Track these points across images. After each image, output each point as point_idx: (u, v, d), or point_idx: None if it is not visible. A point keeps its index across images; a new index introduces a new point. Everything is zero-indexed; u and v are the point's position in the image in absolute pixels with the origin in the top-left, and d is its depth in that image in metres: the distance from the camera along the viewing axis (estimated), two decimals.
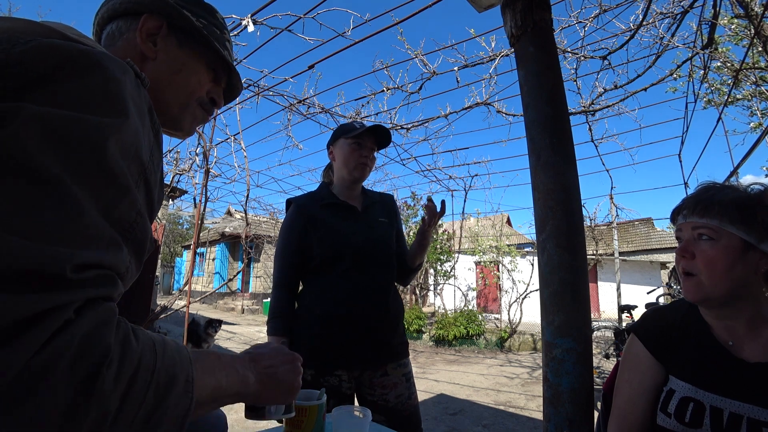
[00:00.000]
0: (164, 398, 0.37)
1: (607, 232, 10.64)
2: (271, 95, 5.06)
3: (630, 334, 0.94)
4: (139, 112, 0.44)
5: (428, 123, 5.98)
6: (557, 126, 1.08)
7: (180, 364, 0.41)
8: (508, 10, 1.18)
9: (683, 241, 0.84)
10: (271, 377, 0.58)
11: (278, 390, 0.59)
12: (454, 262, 9.26)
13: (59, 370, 0.30)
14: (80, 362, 0.31)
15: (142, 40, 0.60)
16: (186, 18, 0.63)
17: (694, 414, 0.77)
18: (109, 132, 0.38)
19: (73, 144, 0.35)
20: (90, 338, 0.32)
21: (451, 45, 4.50)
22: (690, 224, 0.83)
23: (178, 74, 0.63)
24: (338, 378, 1.28)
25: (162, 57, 0.61)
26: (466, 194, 8.66)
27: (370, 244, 1.36)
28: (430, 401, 4.22)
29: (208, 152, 5.04)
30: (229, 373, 0.51)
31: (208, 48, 0.66)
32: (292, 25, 3.50)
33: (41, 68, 0.37)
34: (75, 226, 0.34)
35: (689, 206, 0.84)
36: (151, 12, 0.61)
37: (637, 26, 3.61)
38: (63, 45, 0.39)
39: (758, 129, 5.51)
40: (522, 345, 7.56)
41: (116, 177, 0.38)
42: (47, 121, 0.34)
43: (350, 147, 1.41)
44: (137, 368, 0.35)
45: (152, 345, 0.39)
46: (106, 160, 0.37)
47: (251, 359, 0.57)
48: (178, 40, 0.63)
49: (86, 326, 0.32)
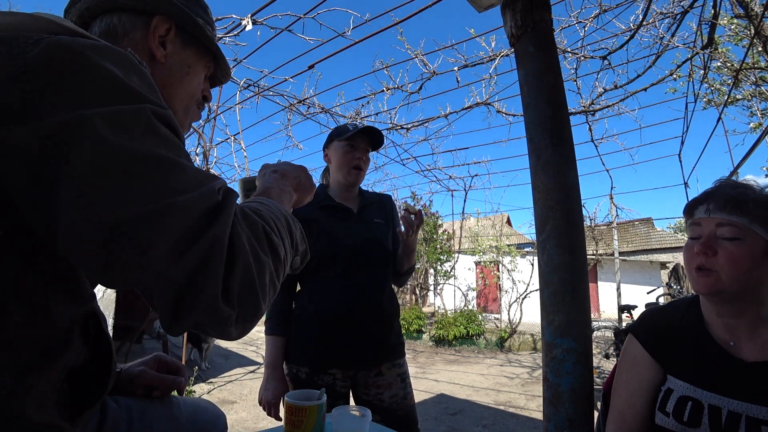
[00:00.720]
0: (292, 232, 0.57)
1: (607, 232, 10.63)
2: (271, 95, 5.06)
3: (628, 334, 0.94)
4: (157, 95, 0.46)
5: (428, 123, 5.98)
6: (557, 126, 1.08)
7: (280, 211, 0.58)
8: (508, 10, 1.18)
9: (703, 236, 0.81)
10: (300, 185, 0.75)
11: (306, 192, 0.77)
12: (454, 262, 9.25)
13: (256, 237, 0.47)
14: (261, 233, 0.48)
15: (155, 44, 0.59)
16: (194, 21, 0.62)
17: (693, 413, 0.77)
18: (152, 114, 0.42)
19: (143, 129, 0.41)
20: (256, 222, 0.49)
21: (451, 45, 4.51)
22: (714, 220, 0.79)
23: (186, 77, 0.63)
24: (332, 377, 1.29)
25: (170, 60, 0.61)
26: (466, 194, 8.67)
27: (365, 245, 1.37)
28: (430, 401, 4.22)
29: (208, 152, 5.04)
30: (287, 198, 0.70)
31: (206, 48, 0.66)
32: (292, 25, 3.50)
33: (61, 70, 0.37)
34: (195, 176, 0.44)
35: (716, 201, 0.80)
36: (161, 13, 0.59)
37: (637, 26, 3.61)
38: (73, 42, 0.39)
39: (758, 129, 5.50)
40: (522, 345, 7.56)
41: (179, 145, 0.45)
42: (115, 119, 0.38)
43: (343, 149, 1.41)
44: (278, 225, 0.53)
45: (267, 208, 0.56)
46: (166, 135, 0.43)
47: (282, 176, 0.73)
48: (183, 41, 0.62)
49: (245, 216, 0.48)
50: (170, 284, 0.39)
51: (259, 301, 0.45)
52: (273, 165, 0.77)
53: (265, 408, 1.29)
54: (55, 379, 0.45)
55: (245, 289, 0.43)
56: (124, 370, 0.73)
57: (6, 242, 0.40)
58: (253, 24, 3.43)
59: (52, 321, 0.45)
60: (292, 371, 1.32)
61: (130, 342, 4.49)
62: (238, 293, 0.42)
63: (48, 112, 0.36)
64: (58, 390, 0.46)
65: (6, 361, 0.40)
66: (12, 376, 0.40)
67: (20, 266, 0.41)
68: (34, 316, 0.43)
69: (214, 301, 0.40)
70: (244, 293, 0.43)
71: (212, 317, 0.41)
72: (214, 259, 0.40)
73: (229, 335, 0.45)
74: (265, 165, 0.78)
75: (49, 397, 0.44)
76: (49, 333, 0.45)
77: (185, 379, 0.79)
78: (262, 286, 0.45)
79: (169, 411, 0.72)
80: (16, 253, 0.41)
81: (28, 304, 0.42)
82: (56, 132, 0.36)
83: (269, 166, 0.77)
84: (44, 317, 0.44)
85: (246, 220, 0.47)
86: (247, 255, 0.44)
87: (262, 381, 1.31)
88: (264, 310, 0.47)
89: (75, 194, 0.35)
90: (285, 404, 0.80)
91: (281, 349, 1.33)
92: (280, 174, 0.73)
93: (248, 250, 0.44)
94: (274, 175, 0.73)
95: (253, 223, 0.48)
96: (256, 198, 0.62)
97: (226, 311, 0.41)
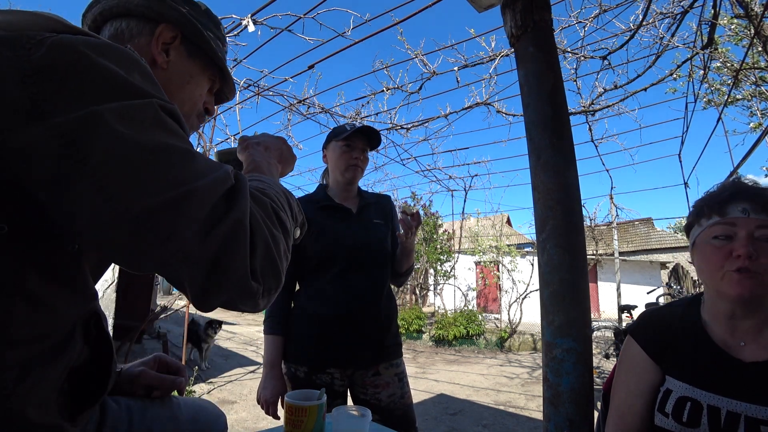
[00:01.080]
0: (291, 205, 0.59)
1: (607, 232, 10.64)
2: (271, 95, 5.06)
3: (627, 335, 0.94)
4: (159, 90, 0.47)
5: (428, 123, 5.98)
6: (557, 126, 1.08)
7: (278, 186, 0.61)
8: (508, 10, 1.18)
9: (740, 237, 0.78)
10: (282, 156, 0.77)
11: (288, 163, 0.78)
12: (454, 262, 9.25)
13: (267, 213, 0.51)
14: (271, 210, 0.51)
15: (157, 50, 0.60)
16: (201, 33, 0.63)
17: (692, 413, 0.77)
18: (159, 107, 0.43)
19: (151, 122, 0.42)
20: (264, 201, 0.52)
21: (451, 45, 4.50)
22: (755, 221, 0.77)
23: (186, 85, 0.64)
24: (330, 376, 1.30)
25: (172, 68, 0.62)
26: (466, 194, 8.67)
27: (363, 246, 1.38)
28: (430, 401, 4.21)
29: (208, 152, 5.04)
30: (275, 171, 0.71)
31: (212, 61, 0.67)
32: (292, 25, 3.50)
33: (66, 69, 0.38)
34: (206, 163, 0.45)
35: (756, 202, 0.78)
36: (168, 22, 0.61)
37: (637, 26, 3.61)
38: (75, 41, 0.40)
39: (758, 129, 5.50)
40: (522, 345, 7.56)
41: (185, 137, 0.46)
42: (125, 113, 0.40)
43: (341, 150, 1.43)
44: (281, 200, 0.56)
45: (267, 185, 0.58)
46: (173, 127, 0.45)
47: (266, 148, 0.74)
48: (188, 51, 0.64)
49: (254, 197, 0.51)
50: (198, 265, 0.41)
51: (280, 274, 0.49)
52: (253, 137, 0.77)
53: (263, 407, 1.30)
54: (56, 378, 0.45)
55: (267, 265, 0.47)
56: (124, 370, 0.73)
57: (12, 239, 0.40)
58: (253, 24, 3.43)
59: (55, 319, 0.45)
60: (291, 370, 1.32)
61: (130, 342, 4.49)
62: (262, 269, 0.46)
63: (61, 110, 0.37)
64: (58, 389, 0.46)
65: (8, 359, 0.40)
66: (14, 374, 0.40)
67: (26, 263, 0.42)
68: (38, 314, 0.43)
69: (244, 280, 0.44)
70: (266, 268, 0.47)
71: (243, 294, 0.45)
72: (238, 240, 0.43)
73: (257, 307, 0.48)
74: (243, 138, 0.77)
75: (49, 396, 0.45)
76: (52, 331, 0.45)
77: (185, 379, 0.79)
78: (280, 260, 0.49)
79: (169, 411, 0.72)
80: (22, 250, 0.41)
81: (33, 301, 0.42)
82: (72, 129, 0.37)
83: (248, 138, 0.77)
84: (48, 315, 0.44)
85: (255, 201, 0.50)
86: (264, 233, 0.47)
87: (261, 380, 1.32)
88: (283, 281, 0.51)
89: (95, 188, 0.37)
90: (285, 404, 0.81)
91: (280, 348, 1.33)
92: (264, 147, 0.75)
93: (264, 228, 0.48)
94: (257, 147, 0.74)
95: (262, 202, 0.51)
96: (253, 176, 0.63)
97: (255, 287, 0.45)
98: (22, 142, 0.36)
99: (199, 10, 0.67)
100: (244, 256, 0.44)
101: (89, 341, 0.51)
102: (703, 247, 0.84)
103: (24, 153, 0.37)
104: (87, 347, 0.51)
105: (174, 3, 0.62)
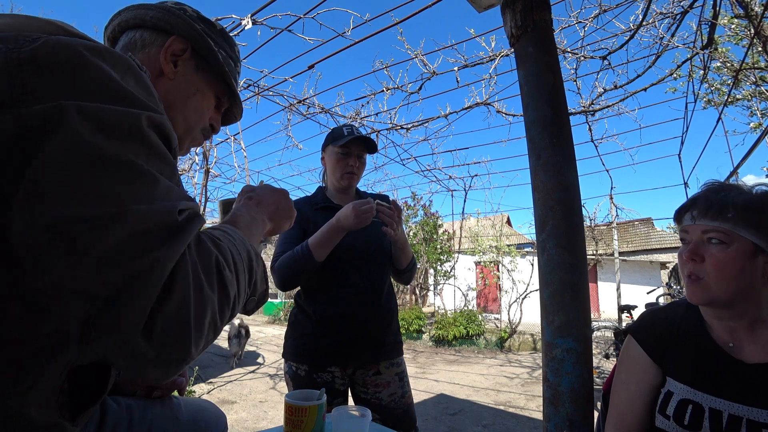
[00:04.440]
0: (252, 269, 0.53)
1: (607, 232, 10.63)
2: (271, 95, 5.06)
3: (627, 335, 0.94)
4: (155, 100, 0.46)
5: (428, 123, 5.98)
6: (557, 126, 1.08)
7: (244, 244, 0.54)
8: (508, 10, 1.18)
9: (691, 243, 0.81)
10: (277, 212, 0.72)
11: (284, 220, 0.74)
12: (454, 262, 9.25)
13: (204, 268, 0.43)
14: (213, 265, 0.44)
15: (165, 59, 0.61)
16: (211, 49, 0.64)
17: (694, 416, 0.77)
18: (144, 119, 0.41)
19: (124, 132, 0.39)
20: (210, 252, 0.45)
21: (451, 45, 4.50)
22: (700, 227, 0.80)
23: (192, 98, 0.65)
24: (331, 374, 1.31)
25: (179, 79, 0.63)
26: (466, 194, 8.67)
27: (362, 245, 1.39)
28: (430, 401, 4.21)
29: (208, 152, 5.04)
30: (257, 228, 0.66)
31: (221, 78, 0.67)
32: (292, 25, 3.50)
33: (55, 65, 0.38)
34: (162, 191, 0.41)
35: (699, 208, 0.80)
36: (180, 34, 0.62)
37: (637, 26, 3.61)
38: (67, 41, 0.40)
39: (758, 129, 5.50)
40: (522, 345, 7.56)
41: (165, 156, 0.44)
42: (95, 116, 0.37)
43: (336, 156, 1.43)
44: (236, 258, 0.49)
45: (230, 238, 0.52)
46: (152, 143, 0.42)
47: (257, 203, 0.70)
48: (197, 64, 0.65)
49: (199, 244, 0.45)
50: (87, 296, 0.35)
51: (188, 344, 0.39)
52: (251, 188, 0.74)
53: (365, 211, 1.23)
54: (56, 377, 0.45)
55: (174, 328, 0.38)
56: None
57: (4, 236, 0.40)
58: (253, 24, 3.43)
59: (51, 319, 0.45)
60: (292, 369, 1.33)
61: None
62: (163, 330, 0.37)
63: (31, 101, 0.36)
64: (58, 389, 0.46)
65: (7, 359, 0.40)
66: (13, 374, 0.40)
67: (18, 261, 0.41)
68: (32, 314, 0.42)
69: (130, 333, 0.36)
70: (171, 332, 0.38)
71: (123, 350, 0.36)
72: (146, 283, 0.36)
73: (144, 376, 0.39)
74: (245, 188, 0.75)
75: (49, 396, 0.44)
76: (48, 331, 0.45)
77: (185, 379, 0.79)
78: (198, 326, 0.40)
79: (169, 411, 0.72)
80: None
81: (27, 300, 0.42)
82: (34, 119, 0.35)
83: (248, 189, 0.74)
84: (43, 315, 0.44)
85: (198, 248, 0.44)
86: (188, 289, 0.39)
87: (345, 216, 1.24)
88: (194, 355, 0.41)
89: (30, 183, 0.34)
90: (285, 404, 0.81)
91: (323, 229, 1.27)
92: (255, 201, 0.70)
93: (191, 283, 0.40)
94: (248, 202, 0.70)
95: (206, 252, 0.44)
96: (221, 225, 0.57)
97: (142, 347, 0.36)
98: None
99: (214, 29, 0.68)
100: (144, 304, 0.36)
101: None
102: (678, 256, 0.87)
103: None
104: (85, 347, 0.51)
105: (189, 18, 0.63)
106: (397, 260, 1.47)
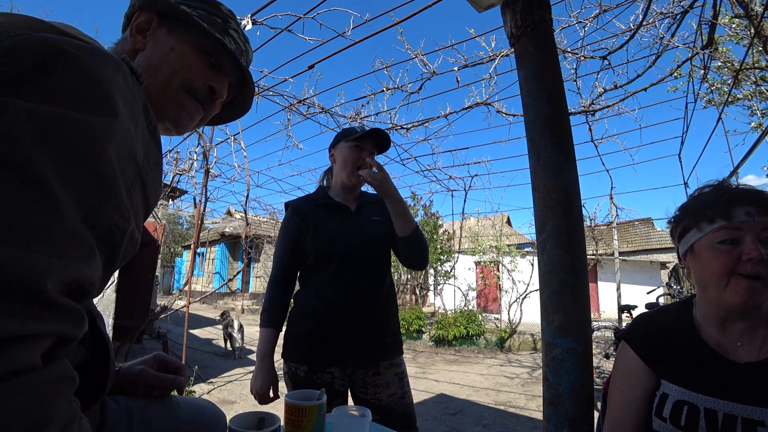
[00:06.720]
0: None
1: (607, 232, 10.64)
2: (271, 95, 5.06)
3: (620, 341, 0.94)
4: (131, 110, 0.43)
5: (428, 123, 5.98)
6: (557, 126, 1.08)
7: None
8: (508, 10, 1.18)
9: (746, 241, 0.76)
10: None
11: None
12: (454, 262, 9.25)
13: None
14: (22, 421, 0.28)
15: (132, 34, 0.63)
16: (173, 6, 0.64)
17: (689, 417, 0.77)
18: (100, 131, 0.37)
19: (63, 142, 0.34)
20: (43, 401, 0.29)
21: (451, 45, 4.50)
22: (759, 224, 0.75)
23: (167, 56, 0.63)
24: (331, 375, 1.31)
25: (151, 46, 0.64)
26: (466, 194, 8.67)
27: (361, 244, 1.38)
28: (430, 401, 4.21)
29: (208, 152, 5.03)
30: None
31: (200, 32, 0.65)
32: (292, 25, 3.50)
33: (29, 61, 0.36)
34: (53, 231, 0.32)
35: (759, 204, 0.76)
36: (142, 9, 0.64)
37: (637, 26, 3.61)
38: (52, 39, 0.38)
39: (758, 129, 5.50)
40: (522, 345, 7.56)
41: (104, 178, 0.38)
42: (37, 116, 0.33)
43: (350, 150, 1.42)
44: None
45: None
46: (96, 160, 0.37)
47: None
48: (169, 28, 0.65)
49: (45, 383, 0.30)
50: None
51: None
52: None
53: (256, 398, 1.31)
54: None
55: None
56: (123, 369, 0.72)
57: None
58: (253, 24, 3.43)
59: None
60: (291, 369, 1.33)
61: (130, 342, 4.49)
62: None
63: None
64: None
65: None
66: None
67: None
68: None
69: None
70: None
71: None
72: None
73: None
74: None
75: None
76: None
77: (185, 378, 0.79)
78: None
79: (169, 411, 0.72)
80: None
81: None
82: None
83: None
84: None
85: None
86: None
87: (253, 372, 1.32)
88: None
89: None
90: (285, 404, 0.81)
91: (272, 340, 1.34)
92: None
93: None
94: None
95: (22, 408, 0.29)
96: None
97: None
98: None
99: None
100: None
101: (84, 341, 0.51)
102: (706, 253, 0.80)
103: None
104: (83, 347, 0.51)
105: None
106: (398, 228, 1.36)
